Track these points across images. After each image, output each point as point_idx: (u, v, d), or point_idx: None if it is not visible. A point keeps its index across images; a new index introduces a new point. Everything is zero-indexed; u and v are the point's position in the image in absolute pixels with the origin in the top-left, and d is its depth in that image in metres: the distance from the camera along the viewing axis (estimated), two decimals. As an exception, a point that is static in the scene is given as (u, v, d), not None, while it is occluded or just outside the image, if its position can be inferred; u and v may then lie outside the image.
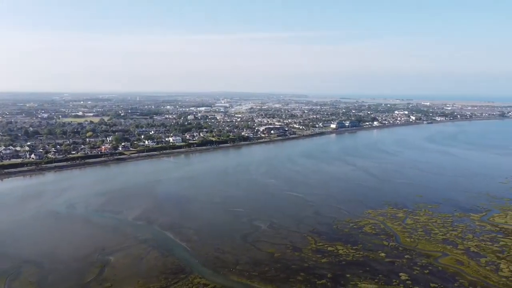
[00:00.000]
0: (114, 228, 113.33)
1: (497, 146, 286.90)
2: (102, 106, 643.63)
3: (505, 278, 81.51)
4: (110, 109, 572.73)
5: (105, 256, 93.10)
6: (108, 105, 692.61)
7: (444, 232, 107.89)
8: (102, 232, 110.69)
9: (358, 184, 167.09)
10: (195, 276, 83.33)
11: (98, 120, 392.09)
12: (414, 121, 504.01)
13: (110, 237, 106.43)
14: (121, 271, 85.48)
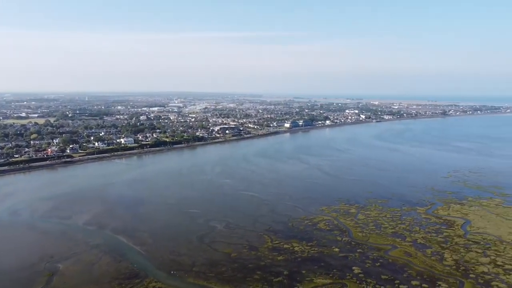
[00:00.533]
0: (62, 234, 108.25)
1: (439, 143, 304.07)
2: (48, 107, 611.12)
3: (449, 267, 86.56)
4: (57, 110, 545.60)
5: (53, 264, 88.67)
6: (54, 105, 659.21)
7: (393, 226, 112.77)
8: (49, 239, 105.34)
9: (312, 182, 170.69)
10: (150, 280, 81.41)
11: (43, 122, 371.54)
12: (364, 120, 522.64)
13: (59, 243, 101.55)
14: (71, 279, 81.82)
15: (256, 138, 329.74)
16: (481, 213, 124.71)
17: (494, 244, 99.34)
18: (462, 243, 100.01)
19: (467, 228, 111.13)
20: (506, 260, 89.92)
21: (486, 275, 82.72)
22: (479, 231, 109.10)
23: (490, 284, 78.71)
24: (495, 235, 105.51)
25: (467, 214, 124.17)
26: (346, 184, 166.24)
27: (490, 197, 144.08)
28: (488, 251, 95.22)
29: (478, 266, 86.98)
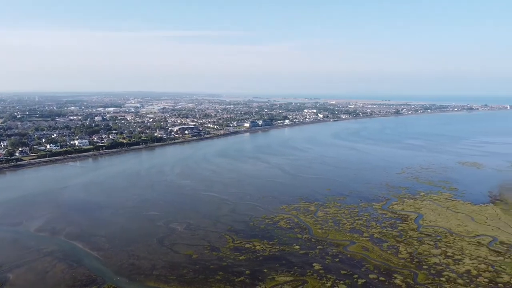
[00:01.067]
0: (13, 242, 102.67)
1: (393, 141, 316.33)
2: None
3: (404, 260, 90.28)
4: (4, 111, 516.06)
5: (3, 273, 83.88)
6: (1, 106, 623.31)
7: (351, 222, 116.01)
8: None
9: (272, 181, 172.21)
10: (108, 286, 78.96)
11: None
12: (322, 119, 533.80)
13: (9, 252, 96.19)
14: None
15: (216, 138, 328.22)
16: (432, 207, 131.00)
17: (445, 236, 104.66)
18: (415, 236, 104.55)
19: (420, 222, 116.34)
20: (455, 251, 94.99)
21: (438, 265, 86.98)
22: (431, 224, 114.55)
23: (441, 274, 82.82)
24: (445, 228, 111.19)
25: (420, 208, 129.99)
26: (306, 182, 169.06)
27: (440, 192, 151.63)
28: (439, 243, 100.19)
29: (430, 257, 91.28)
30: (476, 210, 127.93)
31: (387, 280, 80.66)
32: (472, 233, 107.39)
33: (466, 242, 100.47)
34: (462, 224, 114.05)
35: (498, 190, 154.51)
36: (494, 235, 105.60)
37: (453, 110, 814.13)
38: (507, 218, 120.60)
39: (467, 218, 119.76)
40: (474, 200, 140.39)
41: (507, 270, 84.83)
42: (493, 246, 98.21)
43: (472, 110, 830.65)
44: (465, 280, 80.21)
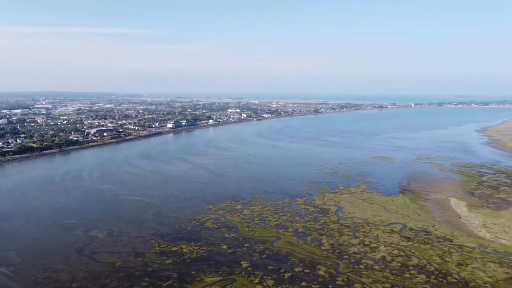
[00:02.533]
0: None
1: (313, 138, 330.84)
2: None
3: (326, 251, 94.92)
4: None
5: None
6: None
7: (276, 218, 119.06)
8: None
9: (197, 181, 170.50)
10: (20, 304, 72.23)
11: None
12: (245, 118, 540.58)
13: None
14: None
15: (137, 140, 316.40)
16: (350, 200, 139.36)
17: (362, 226, 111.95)
18: (336, 228, 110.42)
19: (340, 214, 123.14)
20: (371, 239, 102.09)
21: (357, 254, 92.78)
22: (350, 216, 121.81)
23: (360, 262, 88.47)
24: (362, 218, 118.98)
25: (339, 201, 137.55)
26: (231, 182, 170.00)
27: (357, 185, 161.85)
28: (357, 233, 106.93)
29: (350, 247, 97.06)
30: (388, 201, 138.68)
31: (312, 272, 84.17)
32: (386, 222, 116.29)
33: (381, 231, 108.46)
34: (377, 214, 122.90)
35: (406, 181, 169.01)
36: (404, 223, 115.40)
37: (366, 108, 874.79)
38: (415, 206, 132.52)
39: (381, 208, 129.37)
40: (386, 191, 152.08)
41: (416, 253, 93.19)
42: (404, 233, 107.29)
43: (382, 108, 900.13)
44: (381, 266, 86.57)
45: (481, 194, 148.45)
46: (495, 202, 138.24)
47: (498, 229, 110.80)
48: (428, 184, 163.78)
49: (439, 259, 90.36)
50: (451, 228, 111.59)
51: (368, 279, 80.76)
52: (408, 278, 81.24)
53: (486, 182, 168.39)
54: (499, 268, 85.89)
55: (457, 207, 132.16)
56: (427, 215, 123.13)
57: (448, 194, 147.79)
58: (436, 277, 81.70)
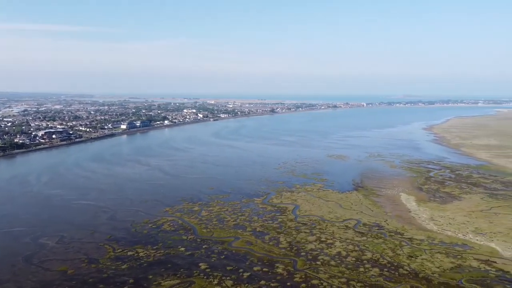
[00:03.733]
0: None
1: (270, 138, 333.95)
2: None
3: (284, 249, 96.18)
4: None
5: None
6: None
7: (234, 218, 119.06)
8: None
9: (153, 183, 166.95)
10: (-39, 319, 67.45)
11: None
12: (202, 119, 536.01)
13: None
14: None
15: (89, 142, 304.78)
16: (307, 198, 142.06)
17: (318, 224, 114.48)
18: (293, 226, 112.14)
19: (297, 212, 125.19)
20: (328, 236, 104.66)
21: (314, 251, 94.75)
22: (306, 213, 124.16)
23: (317, 259, 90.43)
24: (319, 216, 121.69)
25: (296, 200, 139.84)
26: (188, 183, 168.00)
27: (313, 183, 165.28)
28: (314, 230, 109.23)
29: (307, 244, 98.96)
30: (343, 198, 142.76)
31: (270, 270, 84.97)
32: (341, 218, 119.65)
33: (336, 227, 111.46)
34: (332, 211, 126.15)
35: (360, 178, 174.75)
36: (358, 218, 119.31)
37: (320, 108, 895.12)
38: (368, 202, 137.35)
39: (336, 205, 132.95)
40: (341, 188, 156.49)
41: (369, 248, 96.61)
42: (358, 228, 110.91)
43: (336, 108, 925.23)
44: (337, 261, 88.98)
45: (428, 189, 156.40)
46: (441, 196, 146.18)
47: (444, 221, 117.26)
48: (380, 181, 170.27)
49: (391, 252, 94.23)
50: (401, 222, 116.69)
51: (325, 274, 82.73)
52: (362, 272, 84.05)
53: (433, 177, 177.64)
54: (446, 258, 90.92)
55: (407, 202, 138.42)
56: (379, 211, 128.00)
57: (398, 190, 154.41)
58: (388, 269, 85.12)
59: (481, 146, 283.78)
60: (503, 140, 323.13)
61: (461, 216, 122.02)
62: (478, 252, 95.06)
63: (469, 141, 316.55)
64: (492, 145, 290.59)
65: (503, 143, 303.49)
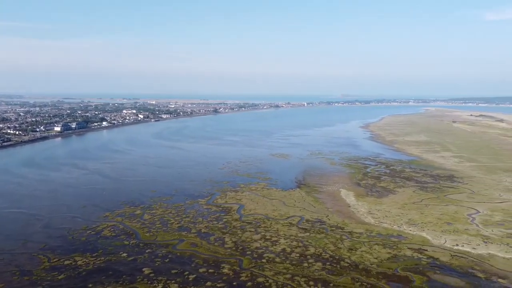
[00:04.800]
0: None
1: (213, 138, 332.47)
2: None
3: (230, 249, 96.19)
4: None
5: None
6: None
7: (178, 221, 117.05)
8: None
9: (92, 188, 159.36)
10: None
11: None
12: (142, 120, 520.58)
13: None
14: None
15: (19, 146, 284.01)
16: (251, 197, 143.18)
17: (263, 222, 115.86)
18: (238, 226, 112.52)
19: (242, 212, 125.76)
20: (272, 233, 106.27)
21: (259, 249, 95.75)
22: (251, 212, 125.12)
23: (262, 257, 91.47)
24: (263, 214, 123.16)
25: (241, 199, 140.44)
26: (130, 186, 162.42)
27: (258, 182, 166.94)
28: (259, 228, 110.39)
29: (252, 243, 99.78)
30: (286, 195, 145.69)
31: (216, 271, 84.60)
32: (285, 215, 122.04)
33: (281, 224, 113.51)
34: (276, 209, 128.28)
35: (302, 176, 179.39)
36: (301, 215, 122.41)
37: (263, 108, 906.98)
38: (310, 199, 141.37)
39: (280, 203, 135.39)
40: (284, 186, 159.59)
41: (312, 243, 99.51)
42: (301, 225, 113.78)
43: (278, 108, 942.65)
44: (282, 258, 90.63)
45: (366, 184, 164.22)
46: (377, 191, 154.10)
47: (380, 214, 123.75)
48: (321, 178, 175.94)
49: (332, 246, 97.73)
50: (342, 217, 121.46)
51: (270, 272, 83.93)
52: (306, 267, 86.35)
53: (370, 173, 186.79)
54: (383, 249, 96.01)
55: (346, 197, 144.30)
56: (321, 207, 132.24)
57: (338, 186, 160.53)
58: (330, 263, 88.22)
59: (412, 142, 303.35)
60: (431, 136, 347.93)
61: (396, 209, 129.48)
62: (412, 241, 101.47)
63: (401, 138, 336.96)
64: (422, 141, 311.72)
65: (431, 139, 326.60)
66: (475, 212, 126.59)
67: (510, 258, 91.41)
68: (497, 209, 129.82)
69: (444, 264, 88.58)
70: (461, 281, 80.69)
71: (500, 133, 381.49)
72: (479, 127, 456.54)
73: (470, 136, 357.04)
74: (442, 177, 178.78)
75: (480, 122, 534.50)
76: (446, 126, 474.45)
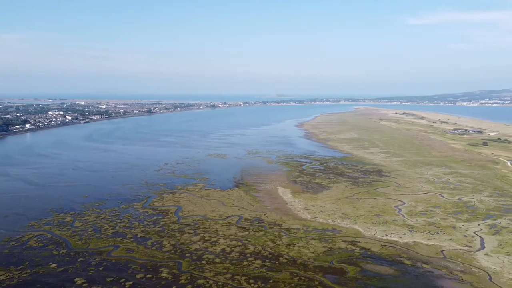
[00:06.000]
0: None
1: (148, 139, 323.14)
2: None
3: (168, 252, 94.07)
4: None
5: None
6: None
7: (113, 226, 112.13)
8: None
9: (15, 196, 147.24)
10: None
11: None
12: (71, 121, 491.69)
13: None
14: None
15: None
16: (189, 198, 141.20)
17: (202, 223, 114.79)
18: (177, 228, 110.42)
19: (180, 214, 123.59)
20: (211, 234, 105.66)
21: (198, 251, 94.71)
22: (189, 214, 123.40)
23: (202, 258, 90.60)
24: (202, 215, 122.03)
25: (178, 201, 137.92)
26: (58, 192, 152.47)
27: (195, 183, 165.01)
28: (198, 230, 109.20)
29: (191, 245, 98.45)
30: (225, 195, 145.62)
31: (154, 276, 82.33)
32: (224, 215, 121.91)
33: (220, 225, 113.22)
34: (215, 210, 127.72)
35: (240, 175, 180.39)
36: (240, 214, 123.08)
37: (199, 108, 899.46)
38: (248, 198, 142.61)
39: (219, 203, 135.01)
40: (222, 186, 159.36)
41: (252, 242, 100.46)
42: (240, 224, 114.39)
43: (215, 107, 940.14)
44: (221, 258, 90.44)
45: (302, 181, 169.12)
46: (313, 187, 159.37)
47: (316, 210, 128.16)
48: (259, 177, 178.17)
49: (271, 243, 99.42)
50: (280, 214, 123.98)
51: (210, 273, 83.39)
52: (246, 265, 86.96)
53: (305, 170, 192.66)
54: (319, 243, 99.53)
55: (283, 194, 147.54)
56: (259, 205, 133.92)
57: (276, 184, 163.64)
58: (270, 260, 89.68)
59: (344, 140, 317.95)
60: (361, 134, 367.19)
61: (330, 204, 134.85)
62: (345, 234, 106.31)
63: (334, 135, 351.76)
64: (352, 139, 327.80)
65: (361, 136, 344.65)
66: (401, 203, 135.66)
67: (432, 244, 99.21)
68: (420, 200, 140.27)
69: (375, 254, 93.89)
70: (390, 269, 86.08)
71: (421, 130, 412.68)
72: (403, 124, 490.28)
73: (395, 133, 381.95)
74: (372, 172, 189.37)
75: (404, 119, 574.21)
76: (374, 124, 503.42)
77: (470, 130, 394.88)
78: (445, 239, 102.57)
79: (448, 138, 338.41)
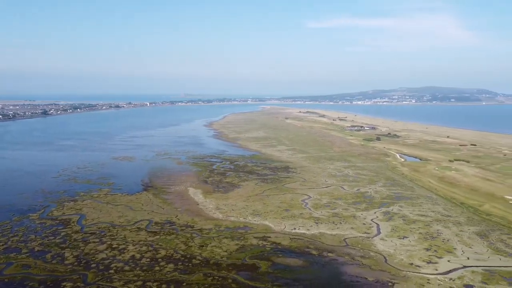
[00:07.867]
0: None
1: (44, 143, 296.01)
2: None
3: (71, 265, 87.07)
4: None
5: None
6: None
7: (4, 241, 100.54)
8: None
9: None
10: None
11: None
12: None
13: None
14: None
15: None
16: (93, 205, 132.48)
17: (109, 230, 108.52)
18: (80, 238, 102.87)
19: (83, 222, 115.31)
20: (119, 241, 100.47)
21: (105, 260, 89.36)
22: (94, 222, 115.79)
23: (109, 267, 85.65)
24: (108, 222, 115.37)
25: (81, 209, 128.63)
26: None
27: (100, 188, 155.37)
28: (104, 238, 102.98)
29: (98, 254, 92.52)
30: (133, 200, 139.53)
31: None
32: (132, 221, 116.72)
33: (128, 231, 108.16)
34: (122, 215, 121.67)
35: (148, 178, 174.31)
36: (150, 218, 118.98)
37: (102, 108, 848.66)
38: (158, 201, 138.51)
39: (126, 208, 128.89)
40: (130, 190, 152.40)
41: (163, 245, 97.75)
42: (150, 228, 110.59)
43: (119, 108, 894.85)
44: (131, 265, 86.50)
45: (212, 181, 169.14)
46: (224, 186, 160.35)
47: (227, 209, 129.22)
48: (168, 178, 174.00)
49: (183, 245, 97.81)
50: (191, 215, 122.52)
51: (120, 282, 79.27)
52: (158, 270, 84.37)
53: (215, 170, 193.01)
54: (231, 241, 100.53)
55: (194, 195, 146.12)
56: (170, 207, 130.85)
57: (186, 185, 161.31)
58: (182, 263, 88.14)
59: (252, 139, 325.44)
60: (268, 132, 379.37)
61: (241, 202, 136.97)
62: (256, 231, 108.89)
63: (243, 134, 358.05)
64: (260, 137, 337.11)
65: (268, 135, 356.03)
66: (307, 197, 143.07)
67: (335, 234, 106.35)
68: (324, 193, 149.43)
69: (285, 247, 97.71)
70: (299, 260, 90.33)
71: (323, 127, 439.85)
72: (306, 122, 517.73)
73: (300, 131, 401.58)
74: (279, 168, 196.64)
75: (307, 118, 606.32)
76: (280, 122, 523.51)
77: (365, 126, 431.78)
78: (347, 228, 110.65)
79: (346, 134, 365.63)
